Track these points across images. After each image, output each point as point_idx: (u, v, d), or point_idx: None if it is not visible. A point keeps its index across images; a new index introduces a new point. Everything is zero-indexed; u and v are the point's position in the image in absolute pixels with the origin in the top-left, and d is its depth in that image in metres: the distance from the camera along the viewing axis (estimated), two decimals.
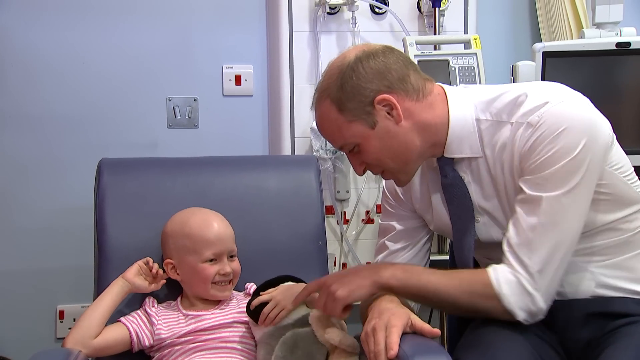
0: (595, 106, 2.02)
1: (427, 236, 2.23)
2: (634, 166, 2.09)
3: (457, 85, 2.68)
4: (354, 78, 1.96)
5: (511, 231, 1.91)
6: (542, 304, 1.86)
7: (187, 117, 3.12)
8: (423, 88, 2.00)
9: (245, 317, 2.20)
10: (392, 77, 1.97)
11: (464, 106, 2.01)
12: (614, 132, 2.00)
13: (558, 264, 1.87)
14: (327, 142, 2.14)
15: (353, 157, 2.05)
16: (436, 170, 2.09)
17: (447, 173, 2.04)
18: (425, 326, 1.86)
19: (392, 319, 1.84)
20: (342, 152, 2.12)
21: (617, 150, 1.96)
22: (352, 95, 1.95)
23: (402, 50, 2.64)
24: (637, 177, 2.00)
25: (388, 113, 1.96)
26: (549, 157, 1.85)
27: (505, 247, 1.89)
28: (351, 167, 2.11)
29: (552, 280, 1.87)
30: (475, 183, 2.03)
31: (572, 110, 1.89)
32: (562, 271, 1.89)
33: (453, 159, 2.03)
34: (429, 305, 2.16)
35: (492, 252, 2.06)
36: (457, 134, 1.99)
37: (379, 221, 2.33)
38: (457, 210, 2.07)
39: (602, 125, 1.90)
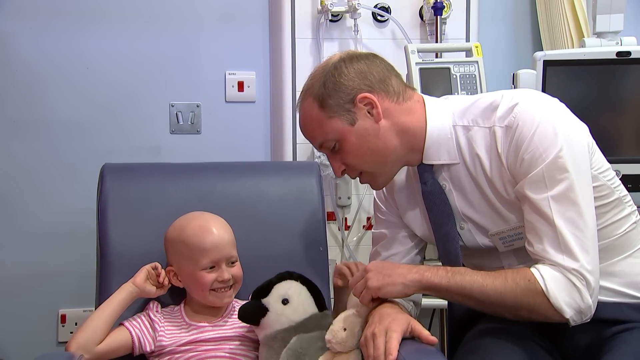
0: (595, 114, 2.05)
1: (419, 243, 2.24)
2: (625, 176, 2.22)
3: (458, 93, 2.71)
4: (336, 76, 2.00)
5: (536, 233, 1.90)
6: (590, 300, 1.85)
7: (189, 123, 3.15)
8: (403, 93, 2.03)
9: (247, 331, 2.23)
10: (373, 78, 2.01)
11: (442, 113, 2.04)
12: (606, 142, 2.05)
13: (596, 255, 1.87)
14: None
15: (333, 156, 2.07)
16: (415, 178, 2.12)
17: (427, 180, 2.07)
18: (424, 332, 1.88)
19: (392, 325, 1.86)
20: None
21: (599, 154, 1.99)
22: (334, 92, 1.99)
23: (405, 58, 2.84)
24: (619, 182, 2.03)
25: (368, 112, 1.99)
26: (535, 153, 1.88)
27: (537, 250, 1.89)
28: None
29: (597, 274, 1.87)
30: (456, 191, 2.05)
31: (542, 107, 1.94)
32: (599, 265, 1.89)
33: (432, 166, 2.05)
34: (472, 305, 2.04)
35: (482, 259, 2.11)
36: (435, 140, 2.02)
37: (372, 230, 2.35)
38: (437, 219, 2.09)
39: (576, 121, 1.96)
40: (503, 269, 1.98)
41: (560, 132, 1.87)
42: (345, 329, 2.02)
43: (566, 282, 1.84)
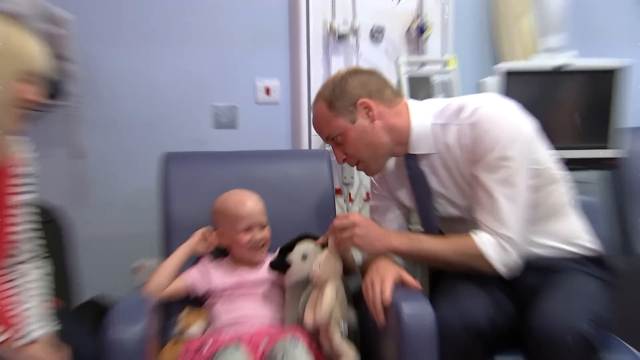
0: (541, 113, 2.12)
1: (405, 212, 2.29)
2: (566, 158, 2.20)
3: (435, 97, 2.72)
4: (342, 85, 2.08)
5: (482, 206, 1.99)
6: (518, 258, 1.96)
7: (228, 121, 3.16)
8: (394, 100, 2.11)
9: (276, 278, 2.28)
10: (371, 88, 2.09)
11: (422, 115, 2.10)
12: (552, 133, 2.11)
13: (522, 227, 1.96)
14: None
15: (336, 148, 2.14)
16: (403, 165, 2.18)
17: (412, 166, 2.14)
18: (411, 280, 1.97)
19: (387, 274, 1.95)
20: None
21: (542, 144, 2.06)
22: (340, 96, 2.07)
23: (395, 69, 2.82)
24: (557, 164, 2.09)
25: (366, 114, 2.07)
26: (488, 145, 1.96)
27: (481, 218, 1.98)
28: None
29: (522, 240, 1.96)
30: (433, 175, 2.13)
31: (499, 109, 2.00)
32: (525, 232, 1.97)
33: (416, 155, 2.12)
34: (428, 264, 2.18)
35: (452, 224, 2.18)
36: (417, 136, 2.09)
37: (370, 203, 2.41)
38: (419, 196, 2.18)
39: (525, 119, 2.01)
40: (460, 234, 2.05)
41: (510, 130, 1.96)
42: (320, 266, 2.06)
43: (499, 246, 1.95)
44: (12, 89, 1.74)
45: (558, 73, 2.77)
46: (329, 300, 2.04)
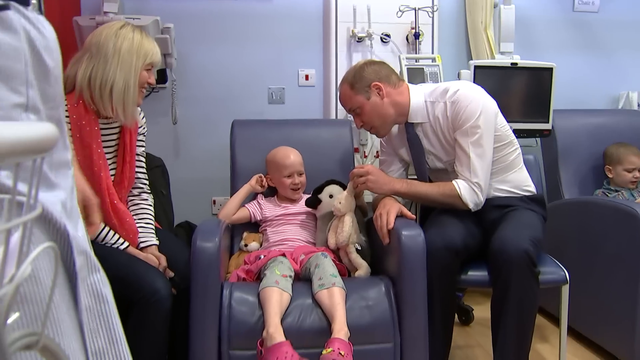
0: (500, 95, 2.11)
1: (405, 164, 2.27)
2: (516, 129, 2.22)
3: (427, 82, 2.66)
4: (361, 72, 2.07)
5: (460, 161, 1.99)
6: (482, 198, 1.98)
7: (279, 98, 3.12)
8: (398, 83, 2.10)
9: (310, 211, 2.28)
10: (381, 74, 2.08)
11: (418, 94, 2.09)
12: (506, 111, 2.12)
13: (487, 176, 1.98)
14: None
15: (356, 117, 2.13)
16: (404, 130, 2.16)
17: (410, 132, 2.13)
18: (408, 213, 1.99)
19: (391, 209, 1.95)
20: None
21: (502, 117, 2.06)
22: (359, 80, 2.06)
23: (398, 63, 2.75)
24: (511, 132, 2.08)
25: (378, 93, 2.06)
26: (465, 117, 1.96)
27: (459, 170, 1.99)
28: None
29: (486, 185, 1.98)
30: (425, 138, 2.12)
31: (473, 91, 2.00)
32: (489, 180, 2.00)
33: (412, 124, 2.11)
34: (421, 202, 2.23)
35: (439, 174, 2.18)
36: (414, 109, 2.08)
37: (379, 158, 2.41)
38: (414, 153, 2.17)
39: (490, 99, 2.01)
40: (444, 181, 2.06)
41: (480, 106, 1.96)
42: (340, 203, 2.08)
43: (471, 189, 1.97)
44: (141, 75, 1.80)
45: (512, 68, 2.74)
46: (347, 228, 2.04)
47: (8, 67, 0.78)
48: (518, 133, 2.28)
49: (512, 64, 2.74)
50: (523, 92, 2.80)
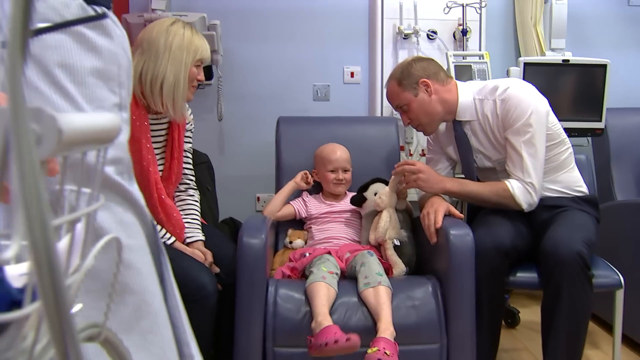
0: (551, 93, 2.08)
1: (452, 163, 2.26)
2: (567, 127, 2.20)
3: (475, 79, 2.64)
4: (409, 68, 2.07)
5: (512, 161, 1.97)
6: (536, 199, 1.96)
7: (324, 95, 3.12)
8: (446, 80, 2.09)
9: (355, 209, 2.28)
10: (430, 71, 2.07)
11: (467, 92, 2.08)
12: (557, 109, 2.08)
13: (541, 176, 1.95)
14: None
15: (403, 114, 2.12)
16: (452, 128, 2.15)
17: (458, 129, 2.12)
18: (456, 212, 1.98)
19: (439, 207, 1.95)
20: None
21: (553, 116, 2.03)
22: (407, 77, 2.06)
23: (445, 60, 2.72)
24: (563, 130, 2.06)
25: (425, 90, 2.05)
26: (516, 115, 1.93)
27: (511, 170, 1.97)
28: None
29: (540, 185, 1.95)
30: (474, 136, 2.10)
31: (523, 89, 1.98)
32: (542, 180, 1.96)
33: (461, 122, 2.10)
34: (472, 202, 2.16)
35: (486, 173, 2.16)
36: (462, 107, 2.06)
37: (425, 156, 2.41)
38: (462, 151, 2.15)
39: (541, 97, 1.98)
40: (493, 181, 2.05)
41: (531, 105, 1.94)
42: (380, 198, 2.08)
43: (524, 190, 1.95)
44: (190, 71, 1.83)
45: (564, 65, 2.69)
46: (383, 223, 2.06)
47: (108, 70, 0.87)
48: (569, 132, 2.26)
49: (563, 60, 2.70)
50: (575, 89, 2.75)
